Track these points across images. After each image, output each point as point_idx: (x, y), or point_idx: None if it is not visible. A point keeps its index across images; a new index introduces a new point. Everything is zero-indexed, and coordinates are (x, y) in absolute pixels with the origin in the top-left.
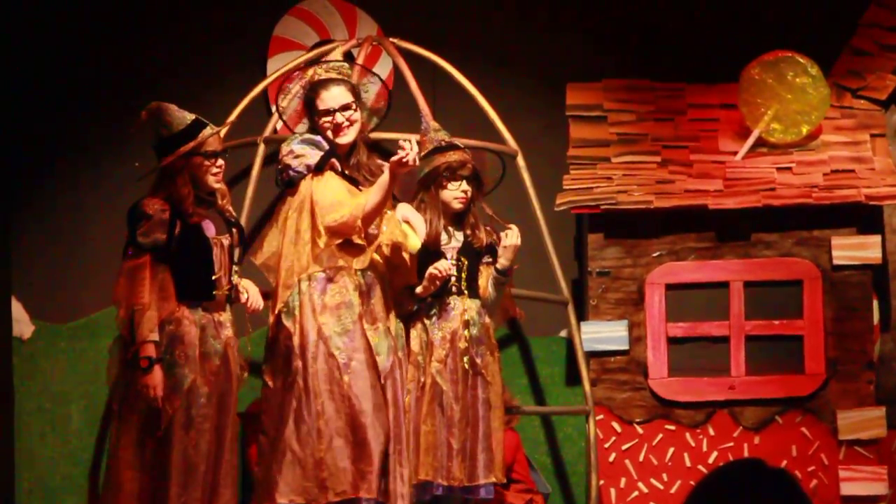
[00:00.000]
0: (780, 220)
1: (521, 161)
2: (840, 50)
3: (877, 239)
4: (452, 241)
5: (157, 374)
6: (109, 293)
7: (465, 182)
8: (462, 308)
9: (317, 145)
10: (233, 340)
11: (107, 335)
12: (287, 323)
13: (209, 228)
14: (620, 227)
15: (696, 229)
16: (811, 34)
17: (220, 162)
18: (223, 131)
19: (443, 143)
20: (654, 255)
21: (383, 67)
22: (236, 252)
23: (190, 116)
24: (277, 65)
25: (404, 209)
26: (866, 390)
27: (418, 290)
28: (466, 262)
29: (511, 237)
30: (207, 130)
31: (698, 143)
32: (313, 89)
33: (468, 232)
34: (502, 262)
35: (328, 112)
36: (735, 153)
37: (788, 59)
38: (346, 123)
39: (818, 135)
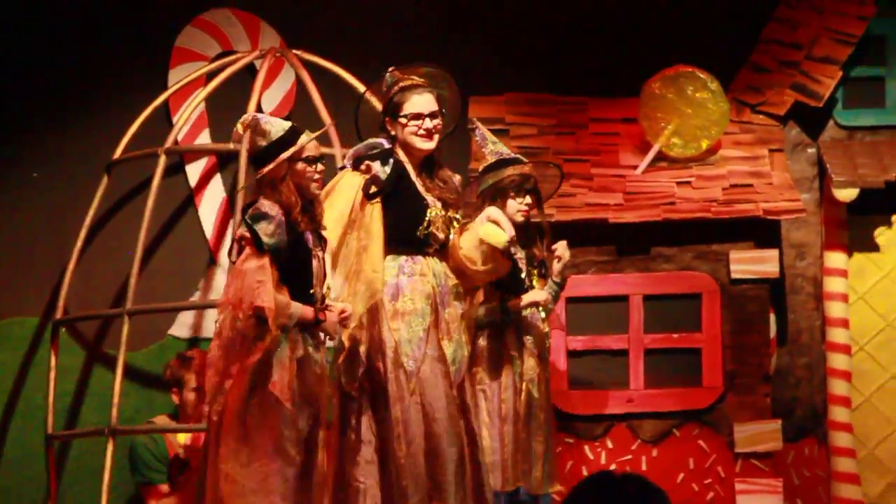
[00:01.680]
0: (679, 234)
1: None
2: (740, 66)
3: (774, 253)
4: (518, 252)
5: (332, 314)
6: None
7: (528, 196)
8: (542, 317)
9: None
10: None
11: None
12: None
13: (309, 240)
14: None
15: (597, 243)
16: (711, 50)
17: (320, 167)
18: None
19: (507, 155)
20: None
21: (286, 79)
22: (328, 265)
23: (286, 124)
24: (179, 75)
25: (491, 210)
26: (763, 403)
27: (512, 302)
28: (534, 272)
29: (565, 250)
30: (304, 136)
31: (599, 157)
32: (401, 93)
33: (528, 242)
34: (560, 273)
35: (419, 116)
36: (635, 167)
37: (689, 75)
38: (434, 131)
39: (717, 149)
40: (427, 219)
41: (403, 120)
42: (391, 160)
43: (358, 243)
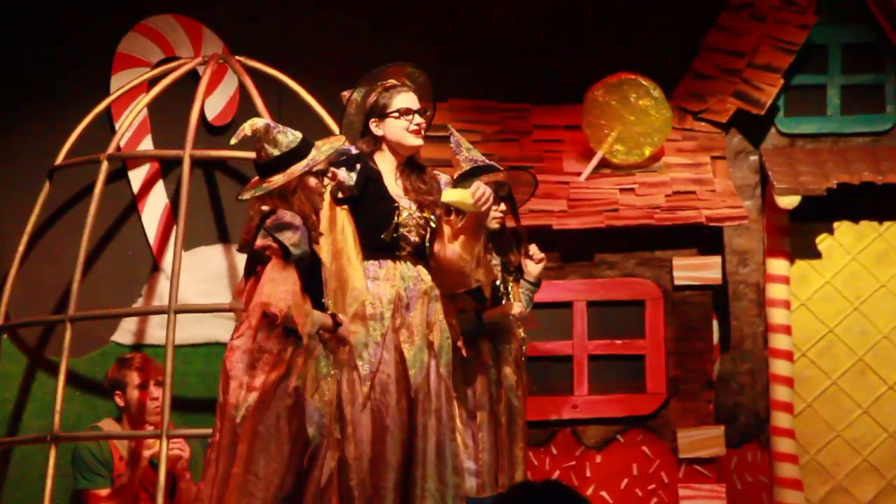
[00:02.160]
0: (622, 240)
1: None
2: (682, 73)
3: (717, 260)
4: (493, 260)
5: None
6: None
7: (502, 202)
8: (519, 324)
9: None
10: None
11: None
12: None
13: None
14: None
15: (540, 249)
16: (654, 57)
17: (327, 182)
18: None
19: (482, 163)
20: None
21: (229, 85)
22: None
23: (298, 134)
24: (121, 81)
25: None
26: (706, 409)
27: (487, 314)
28: (509, 279)
29: (538, 252)
30: (315, 151)
31: (542, 164)
32: (386, 92)
33: (507, 251)
34: (535, 273)
35: (409, 111)
36: (579, 174)
37: (632, 82)
38: (422, 128)
39: (660, 156)
40: (396, 222)
41: (395, 115)
42: (357, 165)
43: (333, 247)
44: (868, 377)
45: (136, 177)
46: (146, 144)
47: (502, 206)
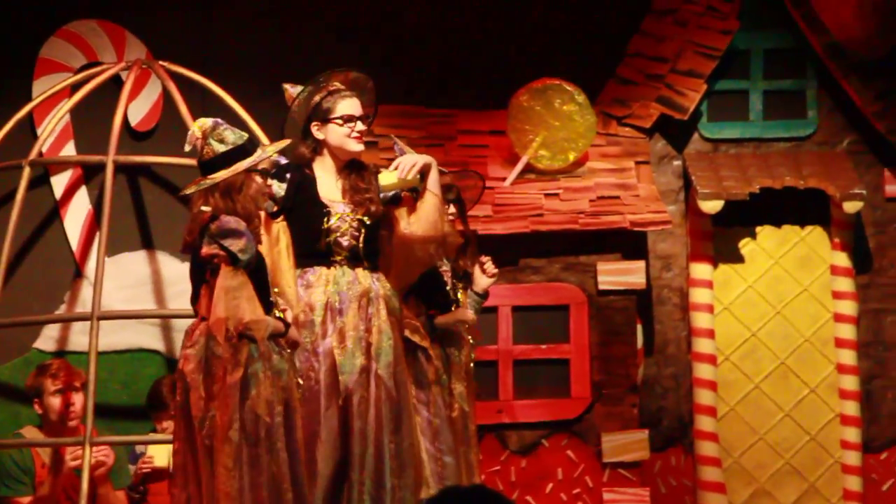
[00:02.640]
0: (547, 245)
1: None
2: (606, 78)
3: (641, 264)
4: (443, 266)
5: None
6: None
7: (450, 205)
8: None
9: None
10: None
11: None
12: None
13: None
14: None
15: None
16: (578, 62)
17: (270, 182)
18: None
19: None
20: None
21: (153, 91)
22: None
23: (244, 133)
24: (44, 87)
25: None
26: (630, 413)
27: (439, 320)
28: (459, 284)
29: (492, 266)
30: (261, 150)
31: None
32: (330, 97)
33: (460, 255)
34: (484, 286)
35: (352, 118)
36: (504, 179)
37: (556, 87)
38: (363, 134)
39: (585, 162)
40: (325, 227)
41: (338, 122)
42: (287, 175)
43: (269, 260)
44: (790, 381)
45: (59, 182)
46: (69, 150)
47: (451, 210)
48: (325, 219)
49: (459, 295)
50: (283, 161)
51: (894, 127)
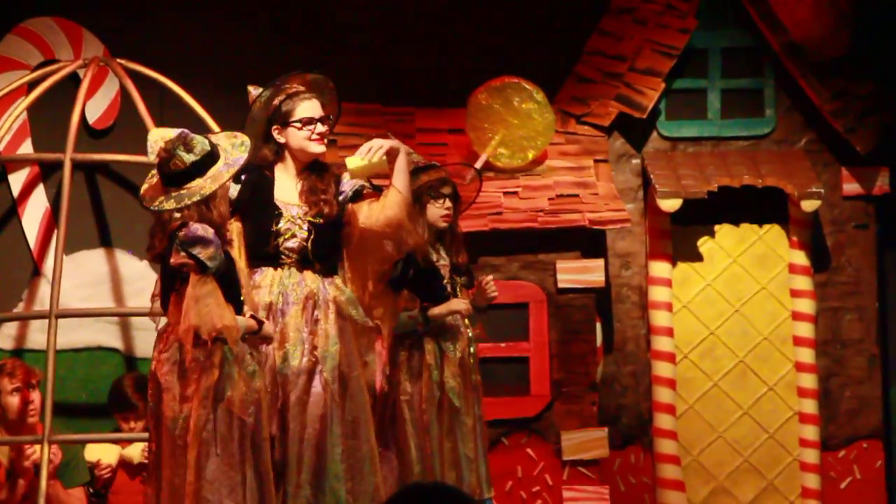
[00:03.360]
0: (506, 243)
1: None
2: (565, 77)
3: (600, 263)
4: (441, 260)
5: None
6: None
7: (447, 200)
8: (467, 324)
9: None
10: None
11: None
12: None
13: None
14: None
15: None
16: (537, 61)
17: (230, 185)
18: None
19: (421, 163)
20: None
21: (110, 88)
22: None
23: (206, 139)
24: (0, 84)
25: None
26: (589, 411)
27: (432, 311)
28: (458, 279)
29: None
30: (239, 152)
31: None
32: (289, 99)
33: (454, 250)
34: (482, 304)
35: (311, 120)
36: (463, 178)
37: (515, 86)
38: (325, 135)
39: (543, 160)
40: (274, 230)
41: (297, 125)
42: (243, 176)
43: None
44: (749, 378)
45: (16, 180)
46: (26, 148)
47: (447, 203)
48: (275, 221)
49: (458, 291)
50: (241, 161)
51: (852, 125)
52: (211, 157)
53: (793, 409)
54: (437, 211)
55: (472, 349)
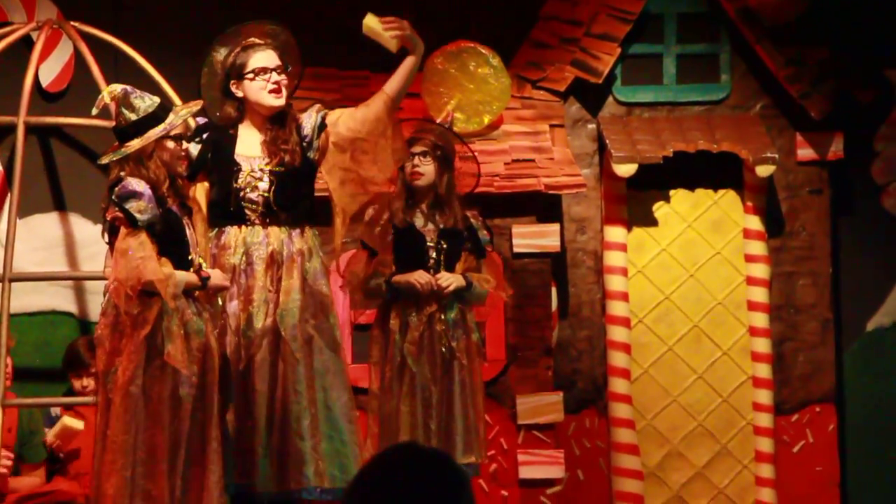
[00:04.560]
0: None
1: None
2: (521, 42)
3: (555, 227)
4: (430, 224)
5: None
6: None
7: (416, 157)
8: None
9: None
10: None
11: None
12: None
13: (177, 211)
14: None
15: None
16: (493, 26)
17: (185, 145)
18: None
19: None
20: (342, 241)
21: (64, 51)
22: (198, 232)
23: (156, 99)
24: None
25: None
26: (545, 376)
27: (396, 278)
28: (446, 246)
29: (445, 281)
30: (173, 115)
31: None
32: (243, 52)
33: (439, 212)
34: (477, 289)
35: (265, 70)
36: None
37: (471, 50)
38: (281, 86)
39: (499, 125)
40: (235, 186)
41: (250, 76)
42: (205, 134)
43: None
44: (703, 343)
45: None
46: None
47: (416, 162)
48: (235, 177)
49: (442, 257)
50: (202, 122)
51: (806, 91)
52: (153, 118)
53: (746, 374)
54: (406, 168)
55: (445, 315)
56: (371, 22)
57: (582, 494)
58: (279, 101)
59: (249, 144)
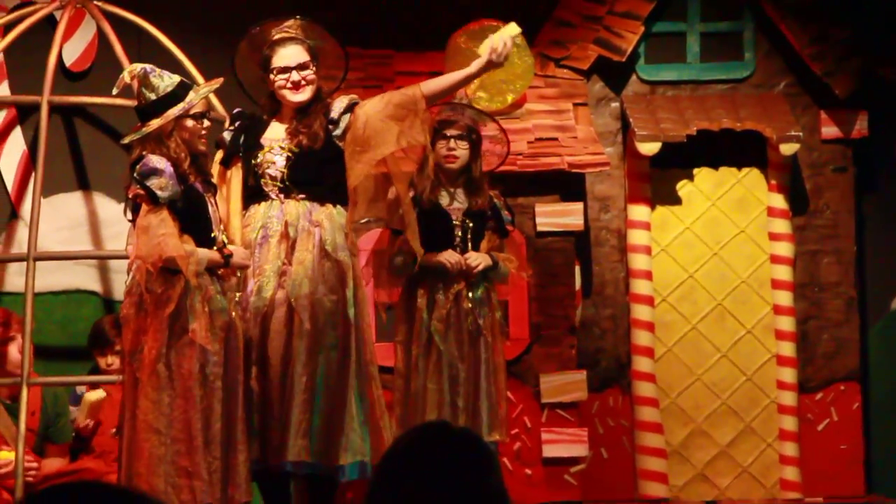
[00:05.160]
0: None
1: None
2: (544, 20)
3: (579, 206)
4: (455, 203)
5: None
6: None
7: (452, 140)
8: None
9: None
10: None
11: None
12: None
13: (199, 187)
14: None
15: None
16: (516, 4)
17: (207, 123)
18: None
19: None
20: (362, 221)
21: (87, 31)
22: (222, 210)
23: (176, 78)
24: None
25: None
26: (568, 354)
27: (424, 258)
28: (472, 224)
29: (474, 261)
30: (192, 94)
31: None
32: (271, 48)
33: (469, 193)
34: (502, 268)
35: (285, 70)
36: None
37: (494, 29)
38: (303, 82)
39: (523, 103)
40: (254, 163)
41: (272, 74)
42: (238, 122)
43: (226, 205)
44: (727, 321)
45: None
46: (3, 90)
47: (451, 144)
48: (256, 155)
49: (469, 235)
50: (237, 111)
51: (830, 69)
52: (172, 97)
53: (771, 352)
54: (439, 151)
55: (472, 294)
56: (513, 32)
57: (605, 473)
58: (298, 98)
59: (277, 130)
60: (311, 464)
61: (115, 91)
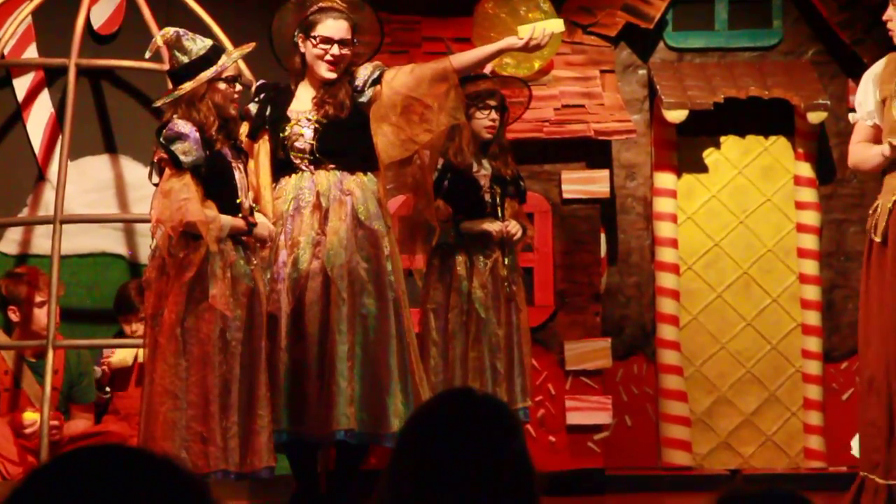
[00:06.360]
0: (511, 153)
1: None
2: None
3: (605, 173)
4: (482, 170)
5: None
6: None
7: (493, 111)
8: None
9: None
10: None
11: None
12: None
13: (227, 153)
14: None
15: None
16: None
17: (238, 87)
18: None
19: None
20: (388, 187)
21: None
22: (248, 179)
23: (208, 42)
24: None
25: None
26: (593, 322)
27: (465, 224)
28: (500, 191)
29: (513, 228)
30: (225, 57)
31: None
32: (317, 14)
33: (495, 161)
34: (529, 234)
35: (328, 41)
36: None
37: None
38: (340, 60)
39: (549, 70)
40: (282, 136)
41: (314, 41)
42: (262, 94)
43: (256, 178)
44: (752, 290)
45: (21, 85)
46: (31, 52)
47: (492, 115)
48: (283, 128)
49: (498, 202)
50: (261, 83)
51: (859, 37)
52: (205, 61)
53: (796, 321)
54: (481, 122)
55: (507, 260)
56: (557, 29)
57: (629, 440)
58: (331, 75)
59: (303, 101)
60: (362, 433)
61: (147, 55)
